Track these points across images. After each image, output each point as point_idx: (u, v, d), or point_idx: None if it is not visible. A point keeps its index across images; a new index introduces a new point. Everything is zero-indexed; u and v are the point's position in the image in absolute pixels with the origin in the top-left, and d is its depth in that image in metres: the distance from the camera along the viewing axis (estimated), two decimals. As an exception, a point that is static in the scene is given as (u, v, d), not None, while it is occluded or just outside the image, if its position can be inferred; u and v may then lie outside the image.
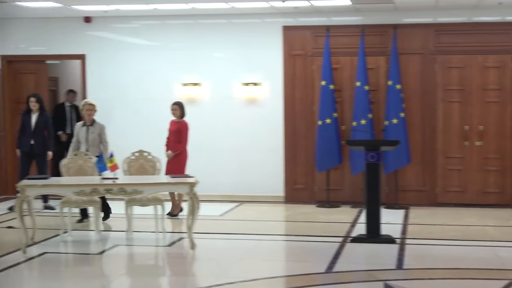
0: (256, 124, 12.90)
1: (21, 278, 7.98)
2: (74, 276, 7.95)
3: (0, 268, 7.97)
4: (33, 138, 11.78)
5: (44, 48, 13.62)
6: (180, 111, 11.28)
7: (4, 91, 13.61)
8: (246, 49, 12.92)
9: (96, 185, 8.84)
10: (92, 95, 13.15)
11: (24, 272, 8.16)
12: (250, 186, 12.89)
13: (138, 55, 13.26)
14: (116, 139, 12.53)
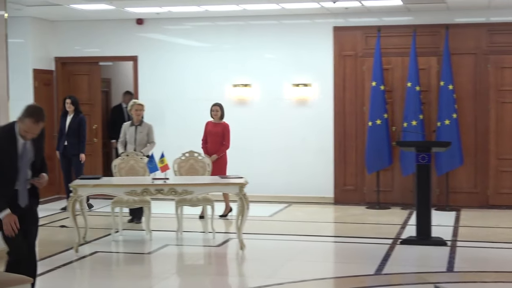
0: (306, 125, 12.88)
1: (73, 277, 8.11)
2: (125, 275, 8.04)
3: (53, 267, 8.10)
4: (67, 139, 11.93)
5: (97, 50, 13.81)
6: (221, 112, 11.31)
7: (58, 93, 13.83)
8: (297, 50, 12.91)
9: (147, 185, 8.92)
10: (143, 96, 13.28)
11: (76, 271, 8.29)
12: (300, 187, 12.88)
13: (189, 56, 13.35)
14: (167, 139, 12.66)
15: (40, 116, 5.74)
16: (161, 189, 8.87)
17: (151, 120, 11.43)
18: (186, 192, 8.91)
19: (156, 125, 11.24)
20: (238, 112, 13.08)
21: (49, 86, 13.74)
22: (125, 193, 8.93)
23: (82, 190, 8.88)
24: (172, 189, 8.86)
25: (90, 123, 13.83)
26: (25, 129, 5.74)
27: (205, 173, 10.16)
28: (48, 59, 13.78)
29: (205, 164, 10.21)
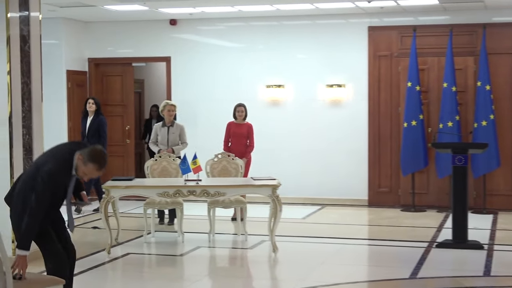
0: (340, 126, 12.81)
1: (105, 278, 8.13)
2: (157, 277, 8.03)
3: (85, 268, 8.12)
4: (87, 141, 11.81)
5: (130, 51, 13.87)
6: (245, 113, 11.27)
7: (91, 94, 13.90)
8: (331, 50, 12.84)
9: (180, 186, 8.91)
10: (176, 97, 13.31)
11: (108, 272, 8.31)
12: (333, 189, 12.81)
13: (222, 57, 13.35)
14: (199, 141, 12.67)
15: (105, 163, 5.59)
16: (194, 190, 8.86)
17: (184, 121, 11.43)
18: (219, 193, 8.89)
19: (188, 126, 11.24)
20: (271, 113, 13.05)
21: (82, 87, 13.82)
22: (157, 194, 8.94)
23: (115, 191, 8.90)
24: (204, 191, 8.84)
25: (123, 124, 13.93)
26: (86, 172, 5.54)
27: (238, 175, 10.13)
28: (82, 60, 13.87)
29: (237, 166, 10.18)
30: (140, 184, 9.27)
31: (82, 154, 5.51)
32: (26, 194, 5.46)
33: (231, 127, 11.19)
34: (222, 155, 10.25)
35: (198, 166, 9.07)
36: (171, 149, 10.54)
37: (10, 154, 8.17)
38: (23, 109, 8.33)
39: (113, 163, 13.97)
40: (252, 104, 12.64)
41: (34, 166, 5.64)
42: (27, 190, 5.47)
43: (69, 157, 5.53)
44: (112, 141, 13.93)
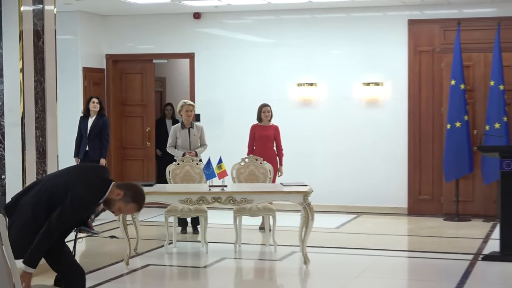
0: (377, 127, 12.78)
1: (124, 291, 8.20)
2: (179, 291, 8.09)
3: (103, 280, 8.18)
4: (88, 144, 11.84)
5: (151, 47, 13.95)
6: (271, 113, 11.27)
7: (109, 92, 14.01)
8: (367, 46, 12.83)
9: (204, 193, 8.94)
10: (200, 96, 13.38)
11: (126, 285, 8.37)
12: (370, 196, 12.78)
13: (249, 53, 13.38)
14: (225, 143, 12.71)
15: (143, 204, 5.67)
16: (219, 197, 8.89)
17: (208, 122, 11.52)
18: (246, 200, 8.92)
19: (213, 128, 11.32)
20: (302, 113, 13.06)
21: (99, 85, 13.93)
22: (179, 201, 8.98)
23: (134, 197, 8.94)
24: (230, 198, 8.87)
25: (143, 126, 14.01)
26: (124, 210, 5.61)
27: (266, 180, 10.15)
28: (99, 57, 13.99)
29: (266, 171, 10.20)
30: (161, 190, 9.32)
31: (123, 191, 5.54)
32: (39, 210, 5.46)
33: (255, 130, 11.16)
34: (249, 159, 10.28)
35: (223, 171, 9.10)
36: (194, 152, 10.59)
37: (22, 157, 8.26)
38: (37, 109, 8.42)
39: (132, 167, 14.11)
40: (282, 104, 12.68)
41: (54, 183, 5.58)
42: (42, 206, 5.46)
43: (100, 186, 5.52)
44: (131, 143, 14.07)
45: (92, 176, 5.61)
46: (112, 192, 5.50)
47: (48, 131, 8.56)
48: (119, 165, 13.99)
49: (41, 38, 8.48)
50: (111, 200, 5.52)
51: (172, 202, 9.36)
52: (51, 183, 5.58)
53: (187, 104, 10.77)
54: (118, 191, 5.50)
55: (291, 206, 10.41)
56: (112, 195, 5.50)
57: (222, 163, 9.14)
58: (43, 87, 8.50)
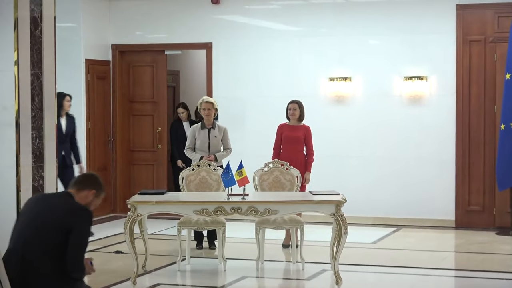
0: (421, 128, 12.74)
1: (130, 314, 8.23)
2: (193, 314, 8.11)
3: (106, 301, 8.24)
4: (63, 147, 11.74)
5: (163, 36, 14.00)
6: (300, 112, 11.18)
7: (115, 88, 14.06)
8: (409, 35, 12.79)
9: (222, 202, 8.94)
10: (218, 93, 13.40)
11: (134, 307, 8.42)
12: (411, 207, 12.75)
13: (275, 43, 13.39)
14: (247, 146, 12.72)
15: None
16: (239, 207, 8.89)
17: (228, 122, 11.50)
18: (270, 211, 8.90)
19: (233, 128, 11.30)
20: (334, 111, 13.05)
21: (104, 80, 14.01)
22: (194, 212, 8.98)
23: (142, 208, 8.96)
24: (252, 208, 8.86)
25: (153, 126, 14.05)
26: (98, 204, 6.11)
27: (294, 188, 10.14)
28: (104, 47, 14.06)
29: (293, 177, 10.19)
30: (173, 199, 9.34)
31: (91, 188, 6.02)
32: (54, 252, 5.73)
33: (283, 130, 11.12)
34: (274, 164, 10.26)
35: (244, 178, 9.09)
36: (213, 156, 10.60)
37: (16, 162, 8.28)
38: (33, 107, 8.45)
39: (141, 173, 14.16)
40: (312, 101, 12.64)
41: (54, 222, 5.81)
42: (55, 248, 5.73)
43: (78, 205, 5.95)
44: (140, 146, 14.12)
45: (68, 201, 5.93)
46: (84, 197, 5.97)
47: (45, 132, 8.57)
48: (126, 170, 14.05)
49: (39, 26, 8.51)
50: (89, 203, 5.96)
51: (185, 213, 9.35)
52: (39, 232, 5.76)
53: (204, 101, 10.74)
54: (86, 192, 5.98)
55: (322, 217, 10.39)
56: (86, 199, 5.97)
57: (243, 168, 9.13)
58: (41, 82, 8.53)
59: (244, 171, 9.11)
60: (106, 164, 13.87)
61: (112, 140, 14.07)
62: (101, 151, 13.82)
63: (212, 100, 10.82)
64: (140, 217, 9.01)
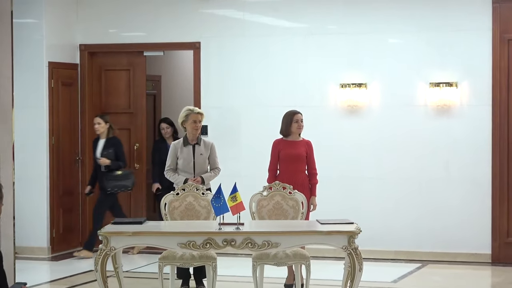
0: (450, 143, 12.74)
1: None
2: None
3: None
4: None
5: (142, 34, 14.01)
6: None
7: (85, 96, 14.04)
8: (436, 32, 12.82)
9: (212, 233, 8.93)
10: (207, 102, 13.40)
11: None
12: (439, 239, 12.74)
13: (276, 43, 13.40)
14: (242, 166, 12.73)
15: None
16: (232, 239, 8.89)
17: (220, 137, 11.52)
18: (269, 244, 8.89)
19: (226, 145, 11.34)
20: (346, 124, 13.04)
21: (71, 86, 14.00)
22: (179, 245, 8.97)
23: (117, 240, 8.94)
24: (248, 240, 8.86)
25: (130, 142, 14.03)
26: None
27: (298, 216, 10.13)
28: (71, 48, 14.07)
29: (297, 203, 10.18)
30: (154, 229, 9.33)
31: None
32: None
33: (280, 147, 11.05)
34: (275, 188, 10.26)
35: (239, 204, 9.08)
36: (199, 178, 10.60)
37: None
38: (-15, 119, 8.47)
39: (115, 198, 14.13)
40: (320, 112, 12.69)
41: None
42: None
43: None
44: (114, 165, 14.11)
45: None
46: None
47: (0, 150, 8.58)
48: (97, 195, 14.01)
49: (-8, 23, 8.53)
50: None
51: (169, 246, 9.33)
52: None
53: (194, 112, 10.71)
54: None
55: (332, 251, 10.40)
56: None
57: (237, 192, 9.12)
58: (-5, 89, 8.54)
59: (238, 195, 9.09)
60: (73, 187, 13.84)
61: (80, 159, 14.06)
62: (66, 172, 13.80)
63: (202, 111, 10.83)
64: (114, 251, 8.99)
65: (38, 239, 13.47)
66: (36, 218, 13.40)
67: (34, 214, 13.36)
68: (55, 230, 13.53)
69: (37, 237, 13.46)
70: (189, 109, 10.79)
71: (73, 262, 12.81)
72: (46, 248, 13.44)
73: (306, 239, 9.28)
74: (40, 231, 13.45)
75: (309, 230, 9.28)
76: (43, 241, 13.47)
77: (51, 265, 12.91)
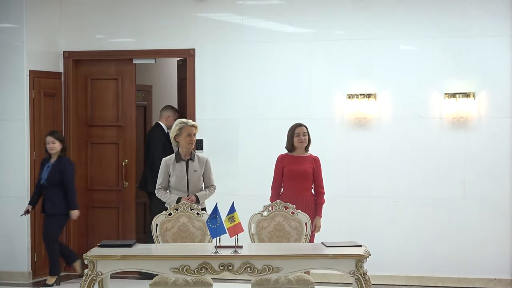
0: (467, 160, 12.73)
1: None
2: None
3: None
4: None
5: (131, 40, 14.02)
6: (309, 138, 11.20)
7: (69, 107, 14.04)
8: (452, 39, 12.82)
9: (208, 257, 8.92)
10: (203, 114, 13.40)
11: None
12: (455, 262, 12.73)
13: (278, 49, 13.40)
14: (240, 184, 12.71)
15: None
16: (230, 263, 8.88)
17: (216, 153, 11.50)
18: (270, 268, 8.89)
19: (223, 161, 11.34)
20: (354, 138, 13.04)
21: (54, 97, 13.99)
22: (172, 270, 8.96)
23: (104, 264, 8.94)
24: (247, 264, 8.85)
25: (118, 158, 14.03)
26: None
27: (301, 239, 10.13)
28: (54, 55, 14.07)
29: (300, 224, 10.18)
30: (144, 253, 9.30)
31: None
32: None
33: (284, 163, 11.09)
34: (276, 207, 10.26)
35: (237, 225, 9.08)
36: (193, 197, 10.60)
37: None
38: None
39: (101, 218, 14.12)
40: (325, 125, 12.69)
41: None
42: None
43: None
44: (101, 183, 14.07)
45: None
46: None
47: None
48: (82, 215, 13.99)
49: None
50: None
51: (160, 271, 9.32)
52: None
53: (188, 125, 10.73)
54: None
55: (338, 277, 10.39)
56: None
57: (235, 212, 9.12)
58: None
59: (236, 216, 9.10)
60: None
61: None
62: (49, 190, 13.81)
63: (197, 124, 10.84)
64: (100, 276, 8.99)
65: (18, 263, 13.46)
66: (16, 241, 13.40)
67: (13, 236, 13.36)
68: (36, 253, 13.51)
69: (17, 261, 13.45)
70: (183, 121, 10.81)
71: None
72: (27, 273, 13.42)
73: (310, 263, 9.25)
74: (20, 255, 13.43)
75: (314, 254, 9.26)
76: (23, 266, 13.45)
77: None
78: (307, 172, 11.03)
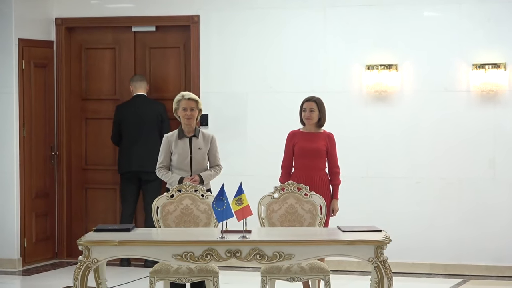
0: (496, 135, 12.72)
1: None
2: None
3: None
4: None
5: (129, 6, 14.01)
6: (319, 114, 11.12)
7: (62, 79, 14.03)
8: (481, 5, 12.80)
9: (214, 243, 8.93)
10: (208, 87, 13.41)
11: None
12: (483, 251, 12.73)
13: (291, 17, 13.39)
14: (249, 163, 12.72)
15: None
16: (238, 250, 8.88)
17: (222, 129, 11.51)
18: (281, 255, 8.89)
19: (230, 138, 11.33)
20: (373, 113, 13.03)
21: (45, 68, 14.01)
22: (174, 256, 8.97)
23: (100, 250, 8.95)
24: (256, 251, 8.85)
25: (116, 131, 14.06)
26: None
27: (315, 223, 10.13)
28: (45, 22, 14.08)
29: (315, 207, 10.17)
30: (144, 238, 9.31)
31: None
32: None
33: (295, 140, 11.04)
34: (288, 188, 10.26)
35: (245, 207, 9.08)
36: (197, 177, 10.59)
37: None
38: None
39: (97, 200, 14.12)
40: (342, 99, 12.70)
41: None
42: None
43: None
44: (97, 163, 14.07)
45: None
46: None
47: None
48: (77, 196, 14.02)
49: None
50: None
51: (162, 258, 9.32)
52: None
53: (185, 98, 10.67)
54: None
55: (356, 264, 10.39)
56: None
57: (243, 194, 9.11)
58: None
59: (245, 198, 9.08)
60: (48, 188, 13.85)
61: (57, 154, 14.07)
62: (40, 169, 13.82)
63: (196, 97, 10.77)
64: (96, 263, 8.99)
65: (6, 249, 13.50)
66: (5, 225, 13.42)
67: (1, 220, 13.39)
68: (26, 239, 13.52)
69: (5, 247, 13.49)
70: (181, 94, 10.74)
71: (48, 276, 12.82)
72: (16, 260, 13.45)
73: (325, 249, 9.22)
74: (9, 240, 13.47)
75: (329, 239, 9.23)
76: (12, 252, 13.48)
77: (22, 280, 12.94)
78: (320, 150, 10.97)
